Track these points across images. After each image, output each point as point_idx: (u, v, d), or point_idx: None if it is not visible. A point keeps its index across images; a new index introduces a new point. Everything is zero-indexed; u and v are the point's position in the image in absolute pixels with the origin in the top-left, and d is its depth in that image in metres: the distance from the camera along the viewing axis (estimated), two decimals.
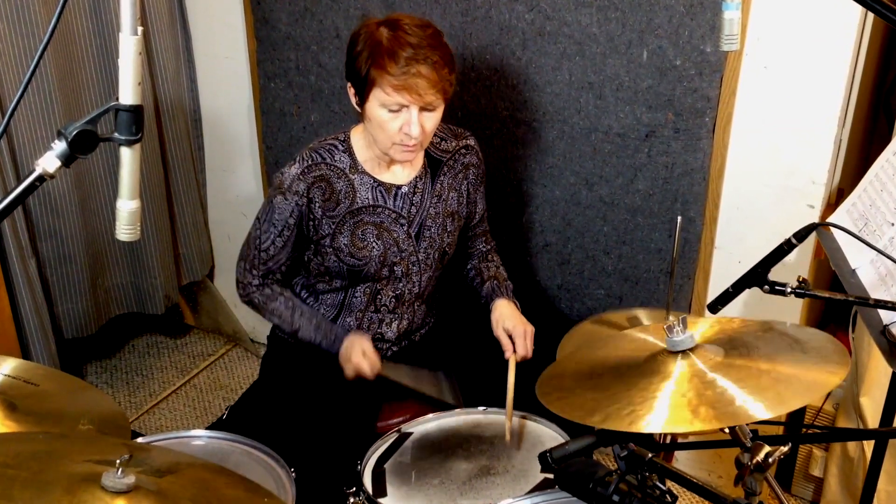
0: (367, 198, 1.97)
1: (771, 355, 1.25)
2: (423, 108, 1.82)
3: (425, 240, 2.03)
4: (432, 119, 1.85)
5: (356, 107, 1.89)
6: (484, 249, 2.23)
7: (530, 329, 1.98)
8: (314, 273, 2.05)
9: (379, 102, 1.81)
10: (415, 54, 1.77)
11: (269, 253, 1.98)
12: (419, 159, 2.02)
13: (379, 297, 2.04)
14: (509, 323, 1.99)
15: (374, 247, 1.98)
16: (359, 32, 1.84)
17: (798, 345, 1.28)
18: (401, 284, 2.04)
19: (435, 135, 2.03)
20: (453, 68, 1.86)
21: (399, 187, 1.99)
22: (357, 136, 1.98)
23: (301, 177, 1.91)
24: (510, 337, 1.97)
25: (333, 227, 1.95)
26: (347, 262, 1.98)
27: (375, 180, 1.97)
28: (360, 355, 1.92)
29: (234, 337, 3.31)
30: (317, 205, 1.93)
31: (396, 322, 2.08)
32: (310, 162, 1.93)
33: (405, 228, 2.00)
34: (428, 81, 1.78)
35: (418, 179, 2.01)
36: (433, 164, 2.04)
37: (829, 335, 1.31)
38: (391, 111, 1.81)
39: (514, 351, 1.95)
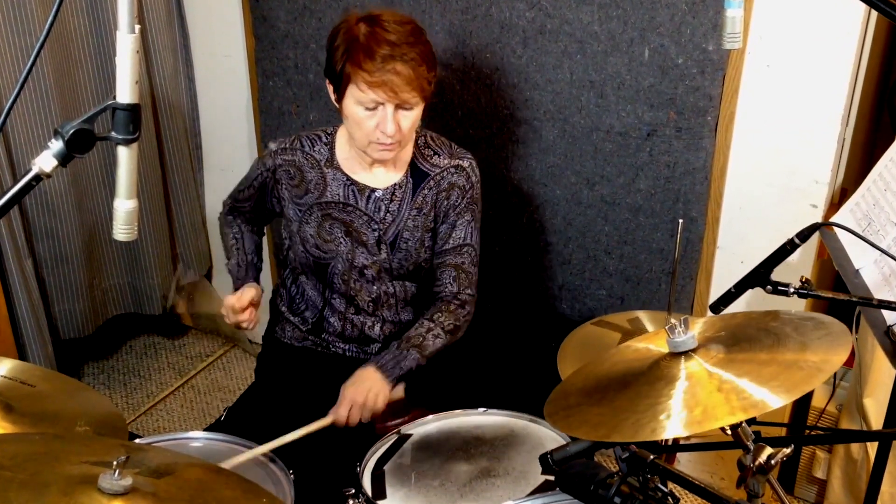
0: (338, 194, 1.96)
1: (773, 345, 1.25)
2: (399, 107, 1.79)
3: (401, 251, 1.98)
4: (410, 118, 1.82)
5: (335, 103, 1.88)
6: (448, 292, 1.99)
7: (371, 399, 1.81)
8: (291, 266, 2.09)
9: (355, 100, 1.80)
10: (391, 52, 1.75)
11: (242, 193, 2.09)
12: (402, 165, 1.97)
13: (355, 300, 2.04)
14: (349, 384, 1.84)
15: (341, 243, 1.97)
16: (338, 28, 1.83)
17: (799, 330, 1.28)
18: (374, 287, 2.02)
19: (429, 147, 1.99)
20: (433, 66, 1.83)
21: (374, 190, 1.95)
22: (342, 133, 1.98)
23: (274, 154, 1.98)
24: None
25: (301, 214, 1.97)
26: (313, 254, 1.99)
27: (349, 179, 1.95)
28: (230, 302, 1.94)
29: (233, 338, 3.31)
30: (283, 186, 1.98)
31: (379, 325, 2.07)
32: (288, 144, 1.98)
33: (377, 234, 1.97)
34: (404, 79, 1.75)
35: (397, 187, 1.96)
36: (418, 175, 1.97)
37: (830, 316, 1.31)
38: (367, 109, 1.79)
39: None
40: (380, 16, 1.80)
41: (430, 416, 1.85)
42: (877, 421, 2.06)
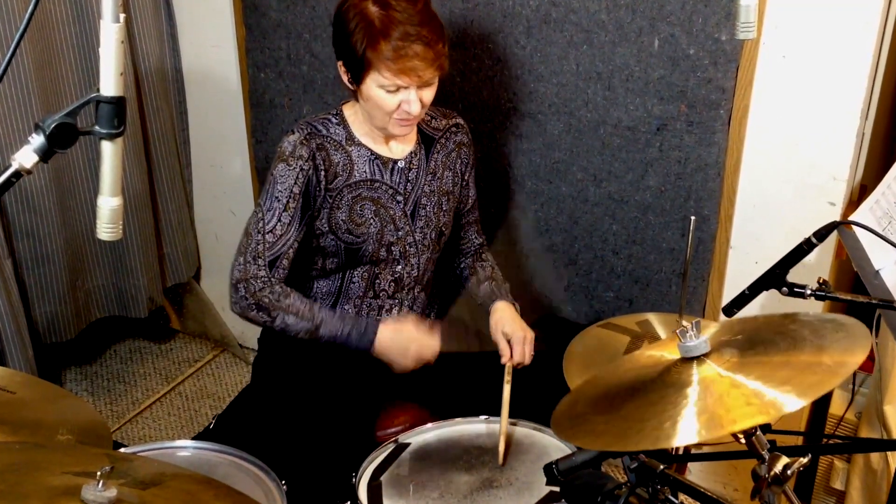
0: (365, 171, 2.00)
1: (788, 348, 1.25)
2: (421, 86, 1.88)
3: (421, 219, 2.07)
4: (430, 92, 1.92)
5: (349, 84, 1.93)
6: (477, 243, 2.27)
7: (530, 335, 2.03)
8: (307, 259, 2.06)
9: (377, 84, 1.86)
10: (407, 32, 1.81)
11: (277, 234, 1.91)
12: (413, 134, 2.07)
13: (377, 281, 2.06)
14: (509, 327, 2.03)
15: (371, 223, 2.01)
16: (347, 9, 1.87)
17: (817, 332, 1.28)
18: (399, 267, 2.07)
19: (425, 113, 2.07)
20: (446, 40, 1.91)
21: (396, 161, 2.04)
22: (350, 111, 2.02)
23: (304, 142, 1.94)
24: (509, 342, 2.01)
25: (330, 201, 1.98)
26: (345, 240, 2.00)
27: (373, 153, 2.01)
28: (418, 342, 1.95)
29: (222, 342, 3.31)
30: (322, 172, 1.96)
31: (396, 309, 2.10)
32: (308, 130, 1.97)
33: (401, 206, 2.04)
34: (424, 61, 1.83)
35: (413, 155, 2.06)
36: (426, 140, 2.09)
37: (848, 316, 1.31)
38: (389, 91, 1.87)
39: (511, 357, 1.99)
40: None
41: (430, 424, 1.85)
42: None
